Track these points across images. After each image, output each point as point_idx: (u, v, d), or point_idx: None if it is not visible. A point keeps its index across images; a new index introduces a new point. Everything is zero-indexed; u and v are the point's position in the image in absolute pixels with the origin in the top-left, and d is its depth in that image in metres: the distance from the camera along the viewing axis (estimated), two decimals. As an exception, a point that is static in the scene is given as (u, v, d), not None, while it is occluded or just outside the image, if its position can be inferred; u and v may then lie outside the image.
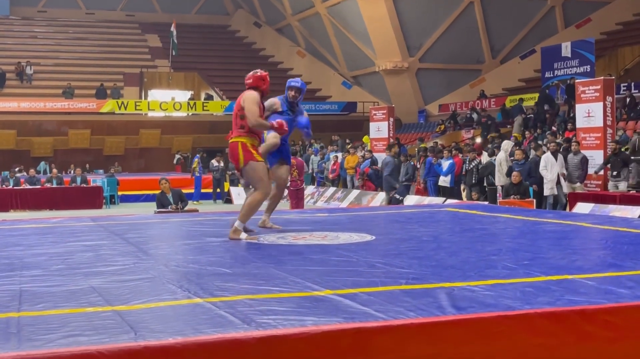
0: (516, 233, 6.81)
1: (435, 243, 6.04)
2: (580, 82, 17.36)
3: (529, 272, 4.36)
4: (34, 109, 32.79)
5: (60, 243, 6.31)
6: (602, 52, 29.36)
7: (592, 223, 7.39)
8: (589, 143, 16.14)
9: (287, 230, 7.10)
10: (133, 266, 4.91)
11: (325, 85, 39.14)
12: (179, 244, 6.61)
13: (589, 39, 26.34)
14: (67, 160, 32.38)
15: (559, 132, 20.89)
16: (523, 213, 8.80)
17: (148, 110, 34.98)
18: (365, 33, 33.78)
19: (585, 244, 6.30)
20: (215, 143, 34.78)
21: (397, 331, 3.13)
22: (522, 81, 33.32)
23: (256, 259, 5.09)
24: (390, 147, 20.23)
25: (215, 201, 23.79)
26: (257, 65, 41.73)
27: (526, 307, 3.39)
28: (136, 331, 3.05)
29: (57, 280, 4.38)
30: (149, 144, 35.07)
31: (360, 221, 8.11)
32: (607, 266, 4.68)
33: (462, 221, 8.00)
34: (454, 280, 4.11)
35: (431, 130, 32.80)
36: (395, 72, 34.25)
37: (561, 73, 26.35)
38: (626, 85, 25.37)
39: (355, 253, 5.38)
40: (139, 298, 3.76)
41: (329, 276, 4.31)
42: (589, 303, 3.48)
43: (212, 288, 4.00)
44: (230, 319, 3.23)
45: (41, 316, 3.38)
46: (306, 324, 3.12)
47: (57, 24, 42.53)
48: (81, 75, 37.21)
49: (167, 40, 38.54)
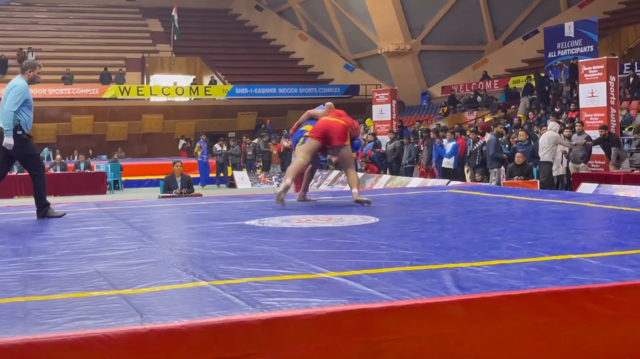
0: (520, 213, 6.81)
1: (439, 224, 6.05)
2: (584, 62, 17.29)
3: (532, 252, 4.37)
4: (36, 95, 32.41)
5: (65, 229, 6.33)
6: (605, 32, 29.22)
7: (595, 203, 7.38)
8: (593, 123, 16.10)
9: (291, 213, 7.12)
10: (138, 250, 4.93)
11: (328, 68, 39.04)
12: (183, 228, 6.63)
13: (592, 19, 26.21)
14: (71, 146, 32.41)
15: (564, 112, 20.84)
16: (527, 193, 8.80)
17: (150, 95, 34.95)
18: (367, 15, 33.64)
19: (589, 224, 6.30)
20: (218, 128, 34.78)
21: (401, 311, 3.14)
22: (525, 62, 33.21)
23: (260, 242, 5.10)
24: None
25: (219, 185, 23.81)
26: (258, 48, 41.76)
27: (530, 287, 3.40)
28: (142, 314, 3.07)
29: (63, 264, 4.40)
30: (151, 129, 35.07)
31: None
32: (611, 245, 4.68)
33: (466, 202, 8.00)
34: (457, 261, 4.12)
35: (434, 112, 32.76)
36: (398, 54, 34.15)
37: (564, 54, 26.25)
38: (629, 64, 25.28)
39: (359, 235, 5.39)
40: (145, 281, 3.77)
41: (333, 258, 4.33)
42: (593, 282, 3.48)
43: (216, 271, 4.01)
44: (236, 302, 3.24)
45: (47, 301, 3.40)
46: (311, 305, 3.13)
47: (58, 9, 42.40)
48: (83, 61, 37.15)
49: (169, 24, 38.43)
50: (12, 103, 6.99)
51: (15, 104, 7.00)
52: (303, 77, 38.78)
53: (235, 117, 36.01)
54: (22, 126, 7.07)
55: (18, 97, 7.03)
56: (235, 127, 35.79)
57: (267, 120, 34.46)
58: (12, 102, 6.99)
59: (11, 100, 7.00)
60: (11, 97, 7.02)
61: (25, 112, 7.11)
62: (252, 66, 39.83)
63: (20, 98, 7.05)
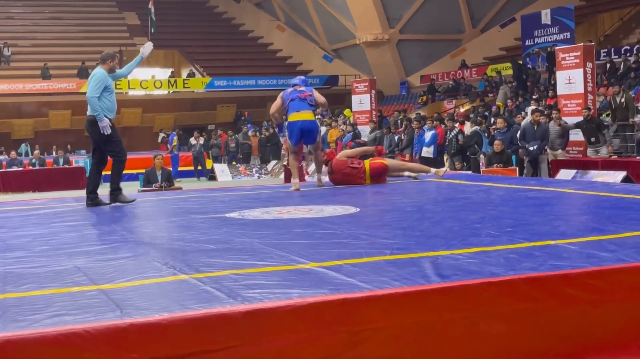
0: (499, 201, 6.84)
1: (419, 213, 6.07)
2: (561, 49, 17.40)
3: (512, 239, 4.39)
4: (13, 91, 32.50)
5: (44, 224, 6.29)
6: (581, 19, 29.40)
7: (574, 189, 7.44)
8: (571, 109, 16.21)
9: (271, 204, 7.11)
10: (117, 245, 4.90)
11: (306, 59, 38.99)
12: (163, 222, 6.61)
13: (568, 6, 26.35)
14: (49, 141, 32.18)
15: (542, 99, 20.95)
16: (506, 181, 8.84)
17: (128, 89, 34.77)
18: (344, 5, 33.62)
19: (568, 210, 6.35)
20: (197, 121, 34.67)
21: (382, 300, 3.15)
22: (502, 50, 33.35)
23: (241, 234, 5.09)
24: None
25: (199, 178, 23.74)
26: (237, 40, 41.62)
27: (510, 273, 3.41)
28: (122, 309, 3.05)
29: (41, 260, 4.37)
30: (130, 123, 34.88)
31: (344, 193, 8.13)
32: (589, 230, 4.72)
33: (445, 191, 8.03)
34: (438, 249, 4.13)
35: (413, 102, 32.83)
36: (376, 44, 34.17)
37: (541, 41, 26.38)
38: (606, 51, 25.47)
39: (339, 225, 5.39)
40: (124, 276, 3.75)
41: (314, 249, 4.33)
42: (572, 267, 3.51)
43: (197, 264, 4.00)
44: (216, 295, 3.24)
45: (26, 297, 3.37)
46: (292, 296, 3.13)
47: (34, 3, 41.99)
48: (60, 55, 36.87)
49: (145, 17, 38.01)
50: (93, 90, 7.63)
51: (96, 91, 7.62)
52: (282, 68, 38.70)
53: (214, 110, 35.91)
54: (105, 112, 7.66)
55: (97, 84, 7.65)
56: (215, 119, 35.69)
57: (245, 112, 34.39)
58: (92, 90, 7.64)
59: (92, 88, 7.66)
60: (91, 85, 7.68)
61: (107, 97, 7.73)
62: (231, 58, 39.71)
63: (100, 85, 7.66)
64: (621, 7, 29.45)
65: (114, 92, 7.90)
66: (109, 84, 7.78)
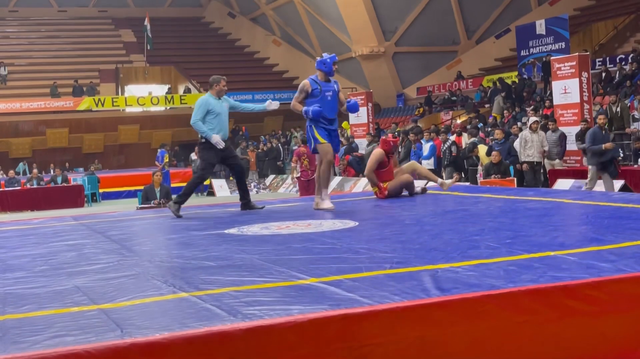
0: (497, 212, 6.85)
1: (418, 226, 6.07)
2: (556, 59, 17.44)
3: (511, 251, 4.39)
4: (10, 110, 32.54)
5: (43, 244, 6.28)
6: (576, 28, 29.48)
7: (572, 199, 7.44)
8: (567, 119, 16.24)
9: (270, 220, 7.10)
10: (117, 263, 4.89)
11: (303, 73, 38.96)
12: (163, 239, 6.60)
13: (562, 16, 26.44)
14: (46, 159, 32.18)
15: (539, 109, 20.98)
16: (504, 192, 8.85)
17: (125, 106, 34.80)
18: (340, 19, 33.72)
19: (567, 220, 6.35)
20: (194, 137, 34.59)
21: (383, 315, 3.15)
22: (498, 60, 33.43)
23: (240, 251, 5.09)
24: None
25: (197, 194, 23.72)
26: (233, 55, 41.70)
27: (510, 285, 3.42)
28: (122, 328, 3.05)
29: (41, 280, 4.36)
30: (128, 140, 34.89)
31: (342, 207, 8.12)
32: (588, 241, 4.72)
33: (444, 203, 8.03)
34: (437, 262, 4.13)
35: (410, 114, 32.85)
36: (372, 57, 34.24)
37: (536, 51, 26.45)
38: (601, 60, 25.51)
39: (338, 240, 5.39)
40: (124, 295, 3.75)
41: (314, 264, 4.32)
42: (571, 278, 3.51)
43: (197, 281, 4.00)
44: (217, 312, 3.23)
45: (26, 318, 3.37)
46: (292, 313, 3.13)
47: (30, 23, 42.12)
48: (56, 73, 36.90)
49: (142, 34, 38.29)
50: (194, 116, 8.12)
51: (196, 115, 8.09)
52: (278, 82, 38.75)
53: (211, 125, 35.93)
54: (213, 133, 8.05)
55: (198, 110, 8.13)
56: (212, 135, 35.69)
57: (242, 127, 34.39)
58: (194, 115, 8.13)
59: (193, 114, 8.15)
60: (194, 112, 8.19)
61: (210, 121, 8.08)
62: (227, 73, 39.40)
63: (201, 110, 8.10)
64: (615, 16, 29.54)
65: (221, 114, 8.17)
66: (212, 108, 8.10)
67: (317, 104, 7.76)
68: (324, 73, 7.92)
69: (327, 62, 7.88)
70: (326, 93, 7.85)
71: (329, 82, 7.95)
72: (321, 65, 7.91)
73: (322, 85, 7.86)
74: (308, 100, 7.87)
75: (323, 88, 7.85)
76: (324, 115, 7.80)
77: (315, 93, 7.83)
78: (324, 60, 7.91)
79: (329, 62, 7.88)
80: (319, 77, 7.92)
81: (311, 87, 7.84)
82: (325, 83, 7.91)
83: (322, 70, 7.92)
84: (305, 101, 7.91)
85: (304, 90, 7.90)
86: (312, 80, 7.90)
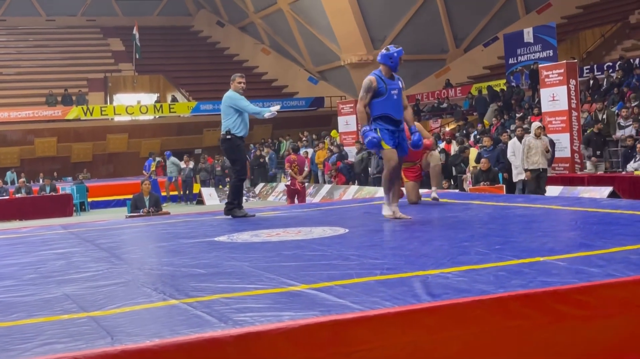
0: (487, 218, 6.86)
1: (408, 232, 6.08)
2: (544, 67, 17.54)
3: (501, 256, 4.40)
4: (-3, 119, 32.41)
5: (32, 253, 6.25)
6: (563, 36, 29.64)
7: (561, 205, 7.47)
8: (555, 126, 16.32)
9: (260, 227, 7.10)
10: (106, 271, 4.88)
11: (292, 81, 39.08)
12: (152, 247, 6.58)
13: (550, 24, 26.56)
14: (35, 169, 32.03)
15: (527, 117, 21.07)
16: (493, 199, 8.87)
17: (114, 115, 34.70)
18: (328, 28, 33.79)
19: (556, 226, 6.37)
20: (183, 145, 34.60)
21: (374, 321, 3.15)
22: (486, 68, 33.56)
23: (230, 258, 5.08)
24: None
25: (187, 203, 23.68)
26: (222, 64, 41.67)
27: (500, 291, 3.43)
28: (112, 335, 3.04)
29: (30, 289, 4.34)
30: (116, 149, 34.78)
31: (333, 215, 8.13)
32: (577, 246, 4.74)
33: (434, 209, 8.04)
34: (427, 268, 4.14)
35: (399, 122, 32.85)
36: (361, 65, 34.29)
37: (524, 59, 26.54)
38: (589, 67, 25.65)
39: (329, 246, 5.39)
40: (114, 302, 3.74)
41: (304, 271, 4.32)
42: (561, 283, 3.52)
43: (187, 288, 3.99)
44: (207, 319, 3.23)
45: (16, 326, 3.35)
46: (283, 319, 3.13)
47: (18, 32, 41.96)
48: (45, 82, 36.76)
49: (130, 43, 38.21)
50: (237, 107, 8.34)
51: (237, 107, 8.32)
52: (267, 91, 38.75)
53: (201, 134, 35.87)
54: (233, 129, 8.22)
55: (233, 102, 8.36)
56: (202, 143, 35.64)
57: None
58: (239, 108, 8.35)
59: (236, 107, 8.35)
60: (237, 104, 8.38)
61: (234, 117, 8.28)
62: (216, 82, 39.66)
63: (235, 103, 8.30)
64: (602, 24, 29.72)
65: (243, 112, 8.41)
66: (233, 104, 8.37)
67: (381, 111, 6.86)
68: (388, 69, 6.95)
69: (394, 57, 6.91)
70: (392, 91, 6.91)
71: (393, 78, 7.02)
72: (386, 59, 6.93)
73: (388, 83, 6.93)
74: (373, 100, 6.91)
75: (389, 86, 6.92)
76: (390, 116, 6.89)
77: (381, 91, 6.87)
78: (391, 54, 6.93)
79: (396, 57, 6.92)
80: (383, 73, 6.97)
81: (377, 85, 6.89)
82: (391, 81, 6.97)
83: (387, 65, 6.94)
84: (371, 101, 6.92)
85: (371, 88, 6.89)
86: (378, 76, 6.94)
